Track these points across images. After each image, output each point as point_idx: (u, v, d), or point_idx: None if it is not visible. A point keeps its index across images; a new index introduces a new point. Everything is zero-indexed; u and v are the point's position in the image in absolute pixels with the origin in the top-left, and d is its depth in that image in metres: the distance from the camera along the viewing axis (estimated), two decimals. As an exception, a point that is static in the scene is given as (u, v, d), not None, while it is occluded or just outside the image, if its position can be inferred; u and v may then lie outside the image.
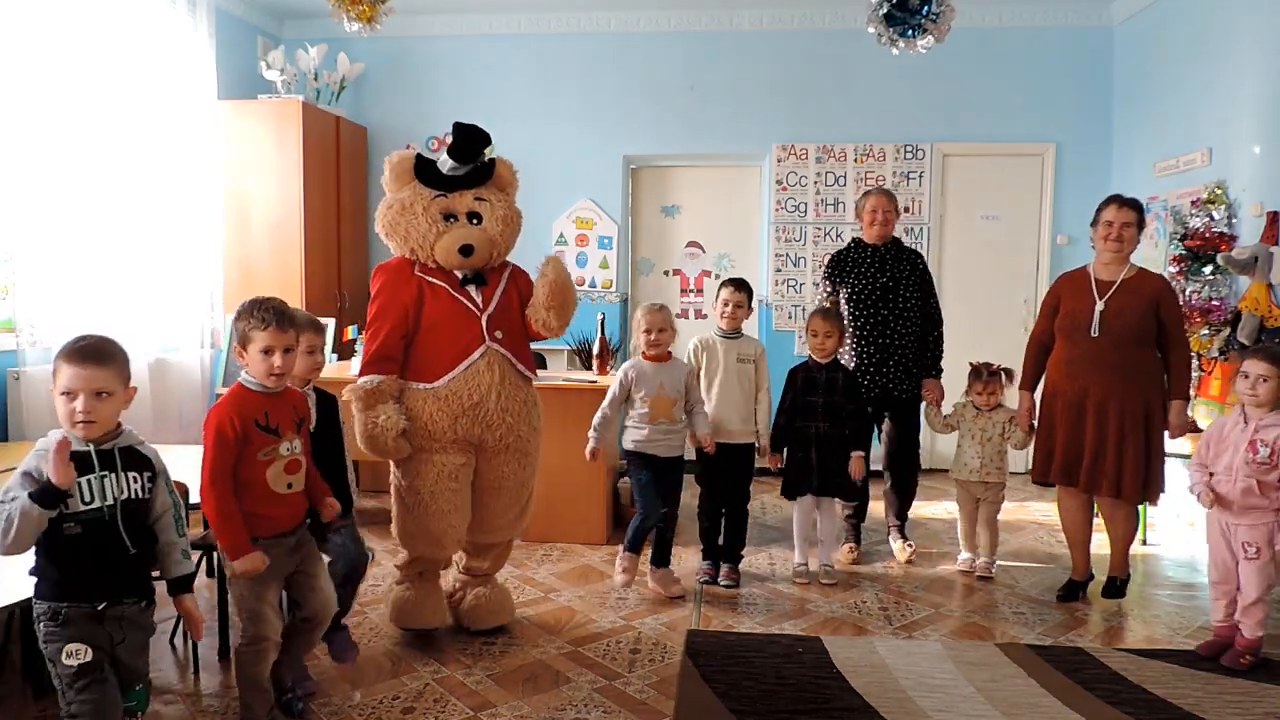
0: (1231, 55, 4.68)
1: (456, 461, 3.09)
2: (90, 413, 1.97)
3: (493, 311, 3.11)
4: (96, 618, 1.99)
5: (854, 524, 4.29)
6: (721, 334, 3.93)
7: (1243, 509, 3.00)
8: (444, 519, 3.09)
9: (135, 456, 2.06)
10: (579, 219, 6.34)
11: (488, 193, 3.18)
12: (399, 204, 3.10)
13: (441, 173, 3.14)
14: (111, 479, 1.99)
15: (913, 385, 4.15)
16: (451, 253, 3.04)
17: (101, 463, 1.99)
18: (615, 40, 6.22)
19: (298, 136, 5.52)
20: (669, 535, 3.79)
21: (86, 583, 1.98)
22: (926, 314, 4.19)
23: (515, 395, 3.12)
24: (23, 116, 4.04)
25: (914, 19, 3.99)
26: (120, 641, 2.02)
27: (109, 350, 2.04)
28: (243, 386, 2.41)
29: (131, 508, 2.03)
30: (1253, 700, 2.79)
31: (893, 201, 4.23)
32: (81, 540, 1.96)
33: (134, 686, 2.08)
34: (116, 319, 4.59)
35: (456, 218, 3.10)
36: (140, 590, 2.07)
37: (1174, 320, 3.50)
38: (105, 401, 1.99)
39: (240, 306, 2.42)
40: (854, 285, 4.19)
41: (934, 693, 2.80)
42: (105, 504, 1.98)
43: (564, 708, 2.71)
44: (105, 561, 2.00)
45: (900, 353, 4.12)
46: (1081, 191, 5.88)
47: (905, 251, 4.26)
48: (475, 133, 3.10)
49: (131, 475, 2.03)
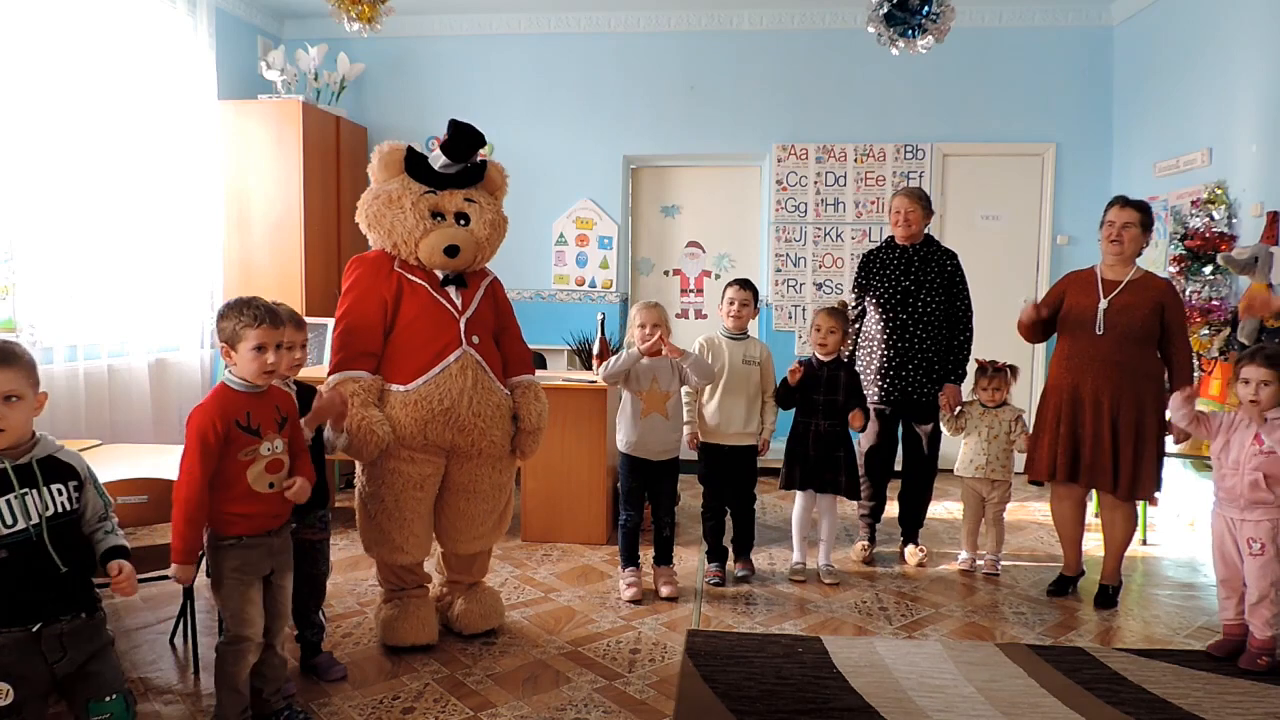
0: (1231, 55, 4.68)
1: (424, 471, 3.03)
2: (0, 419, 1.84)
3: (471, 315, 3.05)
4: (32, 640, 1.87)
5: (869, 523, 4.28)
6: (727, 334, 3.92)
7: (1249, 503, 3.00)
8: (407, 527, 3.04)
9: (57, 466, 1.94)
10: (579, 219, 6.34)
11: (478, 194, 3.14)
12: (386, 195, 3.03)
13: (433, 169, 3.09)
14: (34, 495, 1.86)
15: (933, 389, 4.09)
16: (436, 252, 2.99)
17: (21, 480, 1.86)
18: (615, 40, 6.22)
19: (298, 136, 5.51)
20: (669, 535, 3.79)
21: (16, 606, 1.85)
22: (951, 317, 4.12)
23: (488, 400, 3.04)
24: (23, 117, 4.03)
25: (914, 19, 3.99)
26: (59, 659, 1.91)
27: (13, 351, 1.89)
28: (226, 386, 2.37)
29: (59, 522, 1.91)
30: (1253, 700, 2.79)
31: (918, 202, 4.11)
32: (7, 565, 1.83)
33: (102, 697, 1.96)
34: (116, 319, 4.60)
35: (444, 217, 3.04)
36: (79, 603, 1.95)
37: (1177, 323, 3.51)
38: (14, 406, 1.85)
39: (223, 307, 2.38)
40: (877, 288, 4.16)
41: (934, 693, 2.80)
42: (30, 524, 1.85)
43: (564, 708, 2.71)
44: (35, 583, 1.88)
45: (920, 357, 4.07)
46: (1081, 191, 5.89)
47: (936, 253, 4.16)
48: (471, 131, 3.06)
49: (56, 488, 1.91)
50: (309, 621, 2.92)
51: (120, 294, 4.63)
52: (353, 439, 2.87)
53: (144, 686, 2.82)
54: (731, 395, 3.85)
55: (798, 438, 3.90)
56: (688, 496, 4.99)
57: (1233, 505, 3.06)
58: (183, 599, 3.02)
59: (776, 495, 5.27)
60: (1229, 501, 3.07)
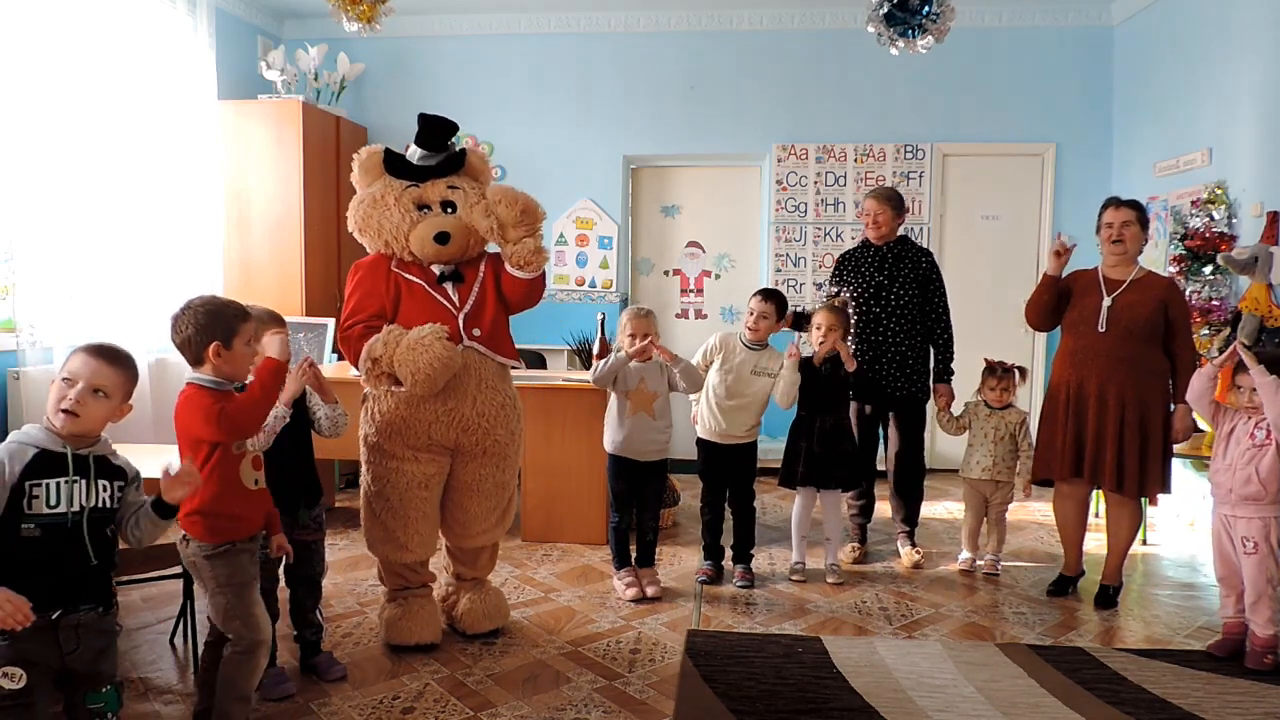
0: (1231, 55, 4.68)
1: (427, 471, 3.03)
2: (80, 404, 1.92)
3: (469, 309, 3.04)
4: (50, 627, 1.91)
5: (859, 524, 4.29)
6: (746, 342, 3.90)
7: (1240, 499, 3.02)
8: (411, 525, 3.04)
9: (109, 466, 2.02)
10: (579, 219, 6.33)
11: (461, 181, 3.11)
12: (370, 198, 3.02)
13: (411, 164, 3.08)
14: (80, 486, 1.94)
15: (908, 384, 4.11)
16: (427, 241, 2.96)
17: (76, 468, 1.94)
18: (615, 40, 6.22)
19: (298, 136, 5.51)
20: (652, 539, 3.78)
21: (40, 591, 1.88)
22: (925, 313, 4.14)
23: (492, 399, 3.05)
24: (23, 117, 4.03)
25: (914, 19, 3.99)
26: (73, 650, 1.95)
27: (123, 357, 2.02)
28: (199, 387, 2.27)
29: (98, 516, 1.97)
30: (1253, 700, 2.79)
31: (887, 203, 4.13)
32: (39, 544, 1.90)
33: (99, 689, 2.01)
34: (117, 319, 4.59)
35: (430, 208, 3.03)
36: (98, 597, 2.00)
37: (1181, 318, 3.52)
38: (99, 401, 1.95)
39: (199, 315, 2.27)
40: (852, 284, 4.20)
41: (934, 693, 2.80)
42: (70, 510, 1.92)
43: (564, 708, 2.71)
44: (62, 569, 1.93)
45: (893, 350, 4.09)
46: (1081, 191, 5.89)
47: (910, 251, 4.19)
48: (440, 120, 3.06)
49: (103, 484, 1.98)
50: (307, 621, 2.92)
51: (120, 294, 4.62)
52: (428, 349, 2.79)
53: (144, 686, 2.82)
54: (737, 399, 3.83)
55: (800, 434, 3.90)
56: (687, 497, 4.99)
57: (1225, 502, 3.08)
58: (183, 599, 3.02)
59: (776, 495, 5.27)
60: (1223, 499, 3.10)
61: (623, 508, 3.72)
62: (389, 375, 2.89)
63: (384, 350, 2.85)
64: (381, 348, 2.86)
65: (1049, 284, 3.67)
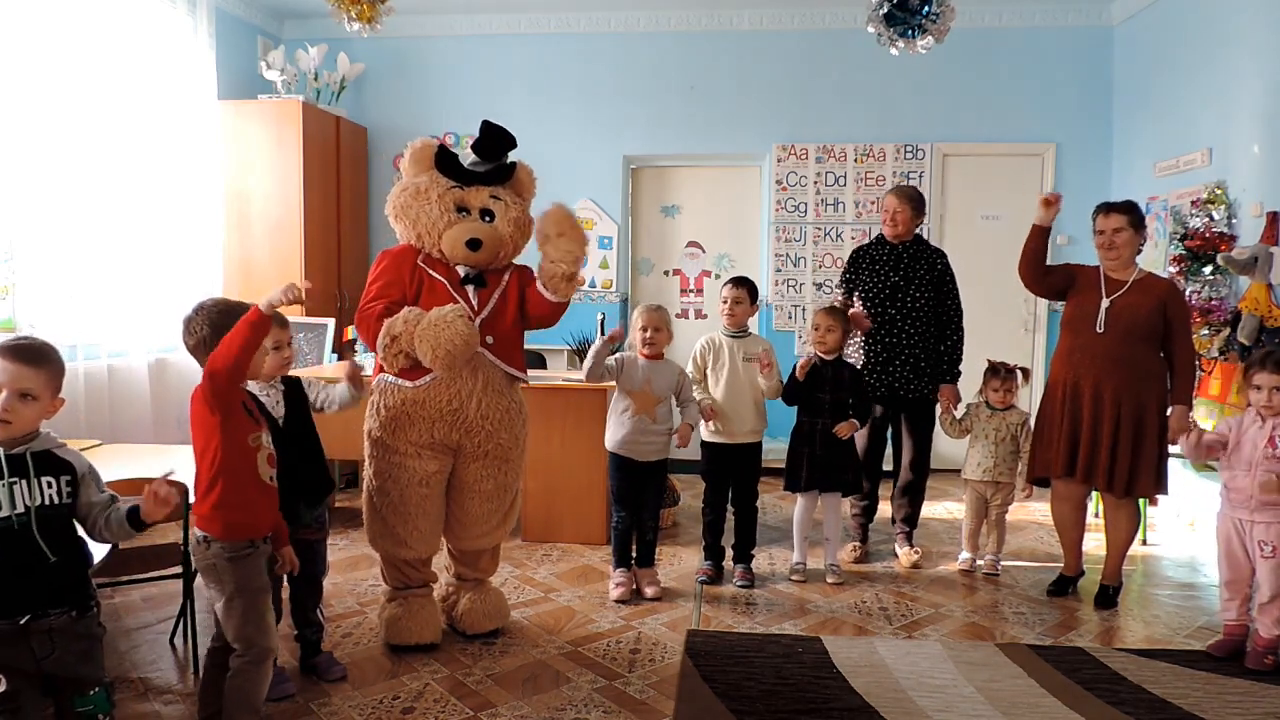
0: (1231, 55, 4.68)
1: (429, 468, 3.04)
2: (9, 412, 1.87)
3: (487, 315, 3.05)
4: (19, 633, 1.87)
5: (861, 523, 4.28)
6: (727, 333, 3.92)
7: (1260, 505, 2.99)
8: (411, 522, 3.05)
9: (52, 461, 1.95)
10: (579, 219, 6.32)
11: (504, 192, 3.15)
12: (414, 187, 3.06)
13: (462, 166, 3.12)
14: (22, 485, 1.88)
15: (921, 385, 4.09)
16: (458, 244, 2.99)
17: (11, 469, 1.88)
18: (615, 40, 6.22)
19: (298, 136, 5.51)
20: (651, 539, 3.78)
21: (1, 596, 1.85)
22: (939, 315, 4.11)
23: (497, 404, 3.06)
24: (23, 117, 4.03)
25: (914, 19, 3.99)
26: (47, 656, 1.90)
27: (45, 353, 1.94)
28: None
29: (48, 513, 1.91)
30: (1253, 700, 2.79)
31: (908, 201, 4.12)
32: None
33: (87, 691, 1.97)
34: (116, 319, 4.60)
35: (469, 211, 3.06)
36: (70, 599, 1.94)
37: (1180, 319, 3.51)
38: (28, 404, 1.90)
39: (212, 316, 2.31)
40: (866, 283, 4.17)
41: (934, 693, 2.80)
42: (15, 512, 1.87)
43: (564, 708, 2.71)
44: (21, 573, 1.88)
45: (908, 352, 4.07)
46: (1081, 191, 5.87)
47: (926, 251, 4.17)
48: (502, 133, 3.12)
49: (46, 480, 1.92)
50: (307, 621, 2.92)
51: (120, 294, 4.63)
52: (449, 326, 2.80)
53: (144, 686, 2.82)
54: (735, 393, 3.84)
55: (802, 437, 3.90)
56: (688, 497, 4.99)
57: (1243, 507, 3.04)
58: (183, 599, 3.01)
59: (777, 495, 5.27)
60: (1239, 503, 3.05)
61: (625, 507, 3.71)
62: (406, 354, 2.90)
63: (404, 327, 2.87)
64: (401, 325, 2.87)
65: (1037, 233, 3.68)
